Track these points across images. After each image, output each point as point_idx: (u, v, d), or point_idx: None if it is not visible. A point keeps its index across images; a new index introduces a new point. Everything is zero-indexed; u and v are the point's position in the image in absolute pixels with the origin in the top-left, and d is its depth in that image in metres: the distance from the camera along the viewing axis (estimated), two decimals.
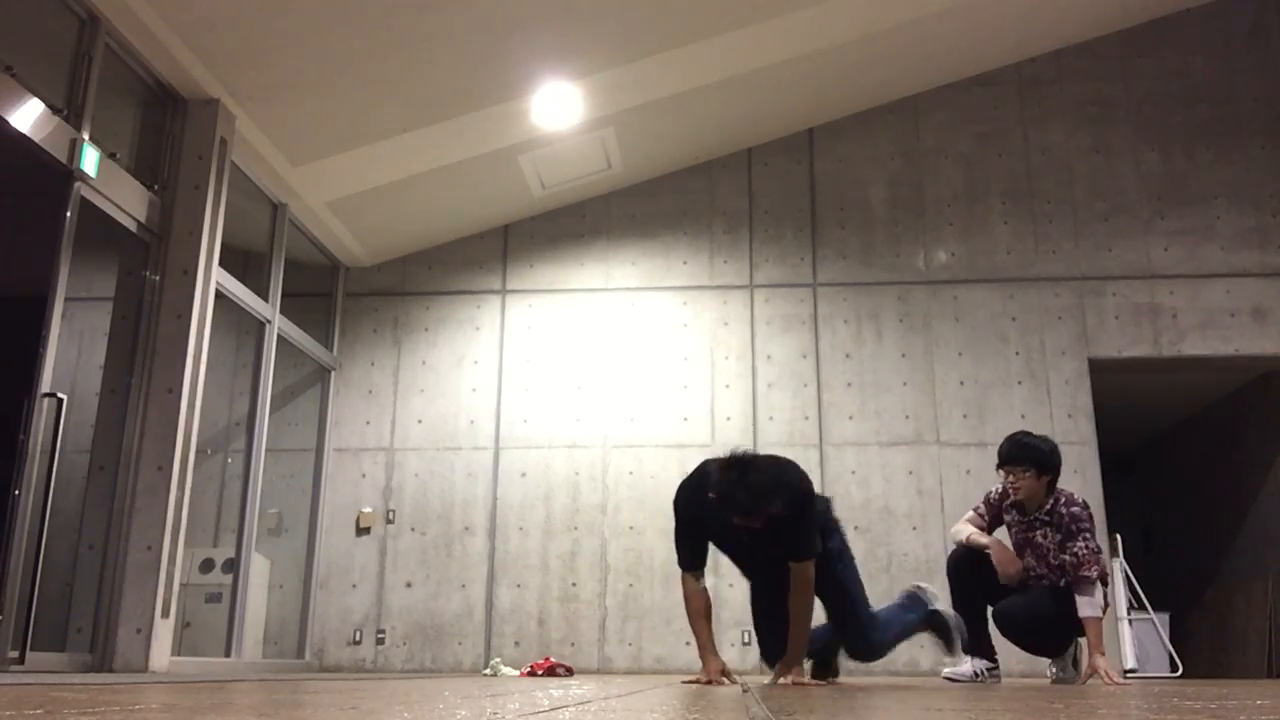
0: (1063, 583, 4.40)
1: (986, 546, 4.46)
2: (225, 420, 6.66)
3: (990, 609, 4.51)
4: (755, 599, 4.30)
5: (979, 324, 7.26)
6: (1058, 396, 7.06)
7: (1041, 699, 2.28)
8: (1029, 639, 4.51)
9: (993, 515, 4.64)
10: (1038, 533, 4.49)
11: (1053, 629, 4.43)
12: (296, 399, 7.38)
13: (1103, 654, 4.31)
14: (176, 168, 5.46)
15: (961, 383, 7.15)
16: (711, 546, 4.11)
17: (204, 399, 5.41)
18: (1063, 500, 4.47)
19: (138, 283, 5.30)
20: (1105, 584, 4.39)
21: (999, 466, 4.55)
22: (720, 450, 4.14)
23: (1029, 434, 4.57)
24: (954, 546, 4.63)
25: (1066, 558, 4.35)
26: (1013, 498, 4.54)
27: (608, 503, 7.13)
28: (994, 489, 4.68)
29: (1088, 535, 4.38)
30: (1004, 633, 4.48)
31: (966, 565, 4.50)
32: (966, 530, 4.59)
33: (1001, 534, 4.66)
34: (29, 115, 4.34)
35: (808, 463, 7.06)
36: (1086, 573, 4.30)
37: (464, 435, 7.36)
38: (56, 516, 4.47)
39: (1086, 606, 4.28)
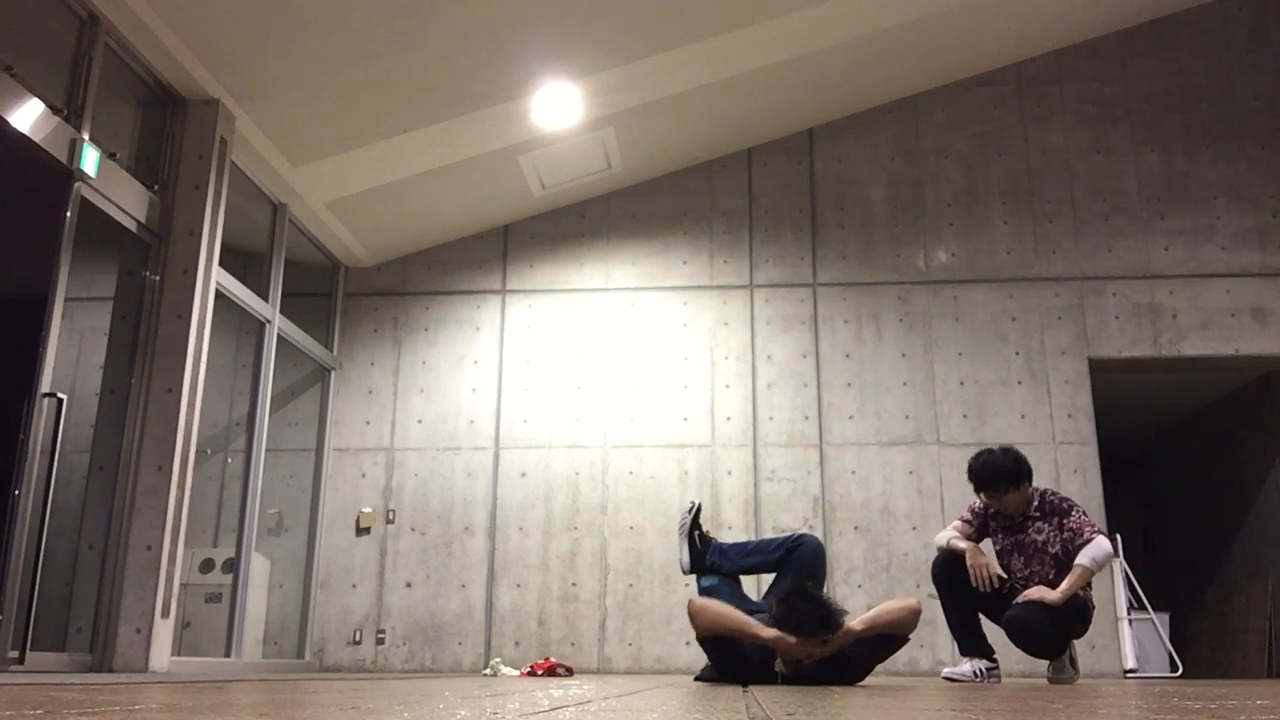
0: (1068, 559, 4.41)
1: (962, 551, 4.49)
2: (225, 420, 6.66)
3: (1002, 616, 4.50)
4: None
5: (979, 324, 7.26)
6: (1058, 396, 7.06)
7: (1041, 699, 2.28)
8: (1037, 642, 4.50)
9: (979, 523, 4.68)
10: (1031, 530, 4.51)
11: (1060, 632, 4.44)
12: (296, 399, 7.37)
13: (1058, 598, 4.27)
14: (176, 168, 5.46)
15: (961, 383, 7.15)
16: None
17: (204, 399, 5.41)
18: (1048, 493, 4.56)
19: (138, 283, 5.30)
20: (1106, 547, 4.37)
21: (977, 492, 4.58)
22: (720, 449, 4.18)
23: (990, 453, 4.57)
24: (936, 553, 4.66)
25: (1065, 535, 4.40)
26: (1000, 510, 4.58)
27: (608, 503, 7.13)
28: (978, 499, 4.71)
29: (1080, 510, 4.47)
30: (1014, 639, 4.47)
31: (950, 570, 4.52)
32: (948, 535, 4.63)
33: (987, 544, 4.67)
34: (29, 115, 4.34)
35: (808, 463, 7.07)
36: (1090, 534, 4.33)
37: (464, 435, 7.36)
38: (56, 516, 4.47)
39: (1083, 555, 4.29)
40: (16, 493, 4.27)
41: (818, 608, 3.77)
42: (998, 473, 4.49)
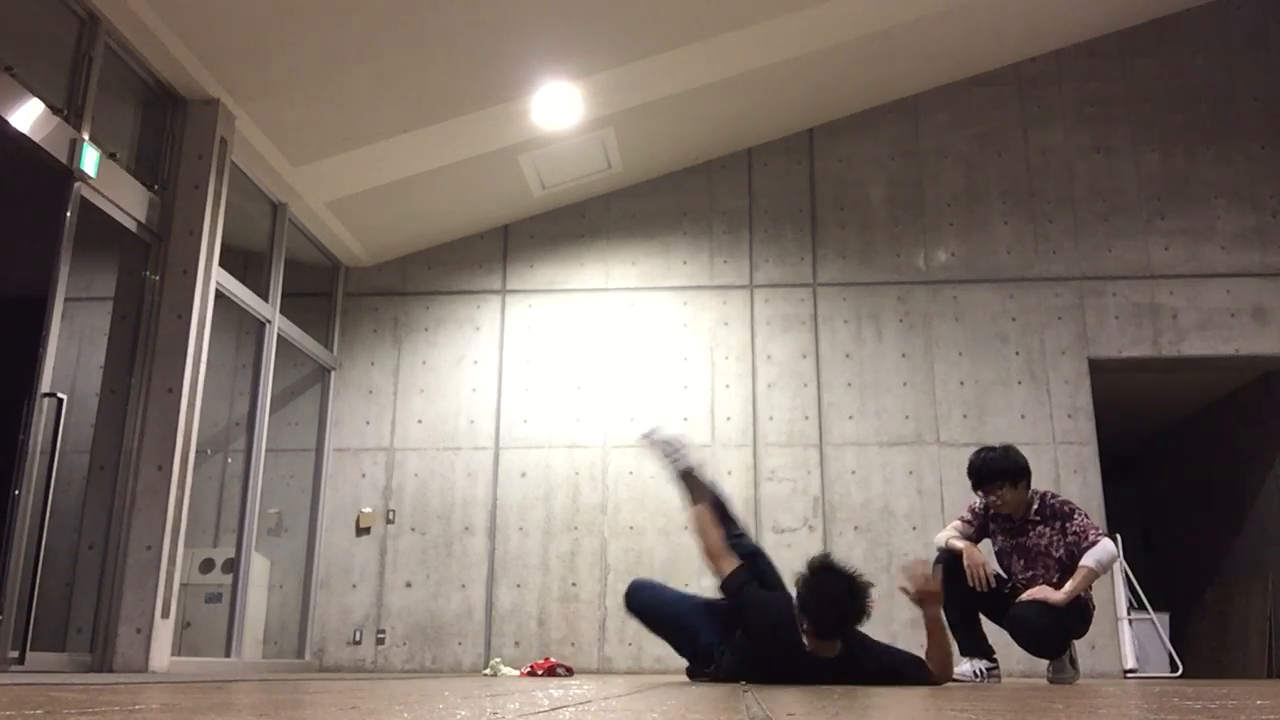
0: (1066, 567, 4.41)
1: (960, 551, 4.49)
2: (225, 420, 6.66)
3: (1003, 616, 4.50)
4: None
5: (979, 324, 7.26)
6: (1058, 396, 7.06)
7: (1041, 699, 2.28)
8: (1039, 642, 4.50)
9: (979, 524, 4.68)
10: (1031, 534, 4.51)
11: (1062, 632, 4.44)
12: (296, 399, 7.37)
13: (1062, 598, 4.29)
14: (176, 168, 5.46)
15: (961, 383, 7.15)
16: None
17: (204, 399, 5.41)
18: (1048, 496, 4.55)
19: (138, 283, 5.30)
20: (1111, 550, 4.39)
21: (975, 489, 4.59)
22: (720, 449, 4.17)
23: (990, 450, 4.62)
24: (936, 553, 4.66)
25: (1069, 538, 4.40)
26: (997, 510, 4.58)
27: (608, 503, 7.13)
28: (978, 499, 4.72)
29: (1082, 513, 4.48)
30: (1017, 638, 4.47)
31: (949, 570, 4.52)
32: (946, 535, 4.64)
33: (987, 545, 4.67)
34: (29, 115, 4.34)
35: (808, 463, 7.06)
36: (1095, 537, 4.35)
37: (464, 435, 7.36)
38: (56, 516, 4.47)
39: (1089, 558, 4.30)
40: (16, 493, 4.27)
41: (844, 579, 3.78)
42: (995, 469, 4.50)
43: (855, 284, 7.42)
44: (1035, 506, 4.53)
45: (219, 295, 5.66)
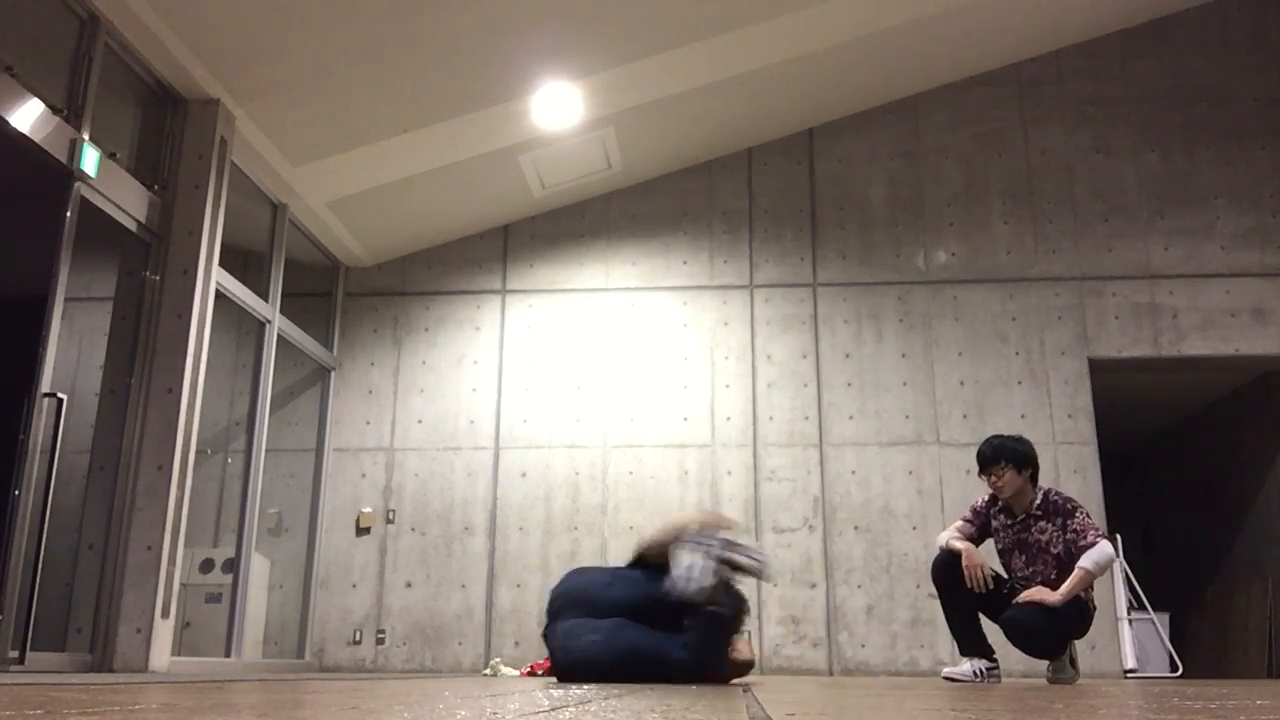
0: (1061, 570, 4.42)
1: (960, 552, 4.50)
2: (225, 420, 6.66)
3: (1000, 617, 4.50)
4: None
5: (979, 324, 7.26)
6: (1058, 396, 7.06)
7: (1041, 699, 2.28)
8: (1034, 643, 4.50)
9: (981, 523, 4.70)
10: (1034, 529, 4.52)
11: (1057, 633, 4.44)
12: (296, 399, 7.37)
13: (1058, 599, 4.31)
14: (176, 168, 5.46)
15: (961, 383, 7.15)
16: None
17: (204, 399, 5.41)
18: (1052, 492, 4.58)
19: (138, 283, 5.30)
20: (1109, 552, 4.40)
21: (980, 473, 4.62)
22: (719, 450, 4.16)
23: (1000, 435, 4.70)
24: (937, 553, 4.67)
25: (1068, 536, 4.41)
26: (1001, 499, 4.59)
27: (608, 503, 7.13)
28: (980, 498, 4.75)
29: (1084, 512, 4.50)
30: (1013, 639, 4.47)
31: (949, 570, 4.53)
32: (948, 535, 4.65)
33: (988, 545, 4.68)
34: (29, 115, 4.34)
35: (808, 463, 7.06)
36: (1093, 538, 4.37)
37: (464, 435, 7.36)
38: (56, 516, 4.47)
39: (1086, 559, 4.32)
40: (16, 493, 4.27)
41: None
42: (999, 449, 4.55)
43: (855, 284, 7.43)
44: (1038, 502, 4.54)
45: (219, 295, 5.67)
